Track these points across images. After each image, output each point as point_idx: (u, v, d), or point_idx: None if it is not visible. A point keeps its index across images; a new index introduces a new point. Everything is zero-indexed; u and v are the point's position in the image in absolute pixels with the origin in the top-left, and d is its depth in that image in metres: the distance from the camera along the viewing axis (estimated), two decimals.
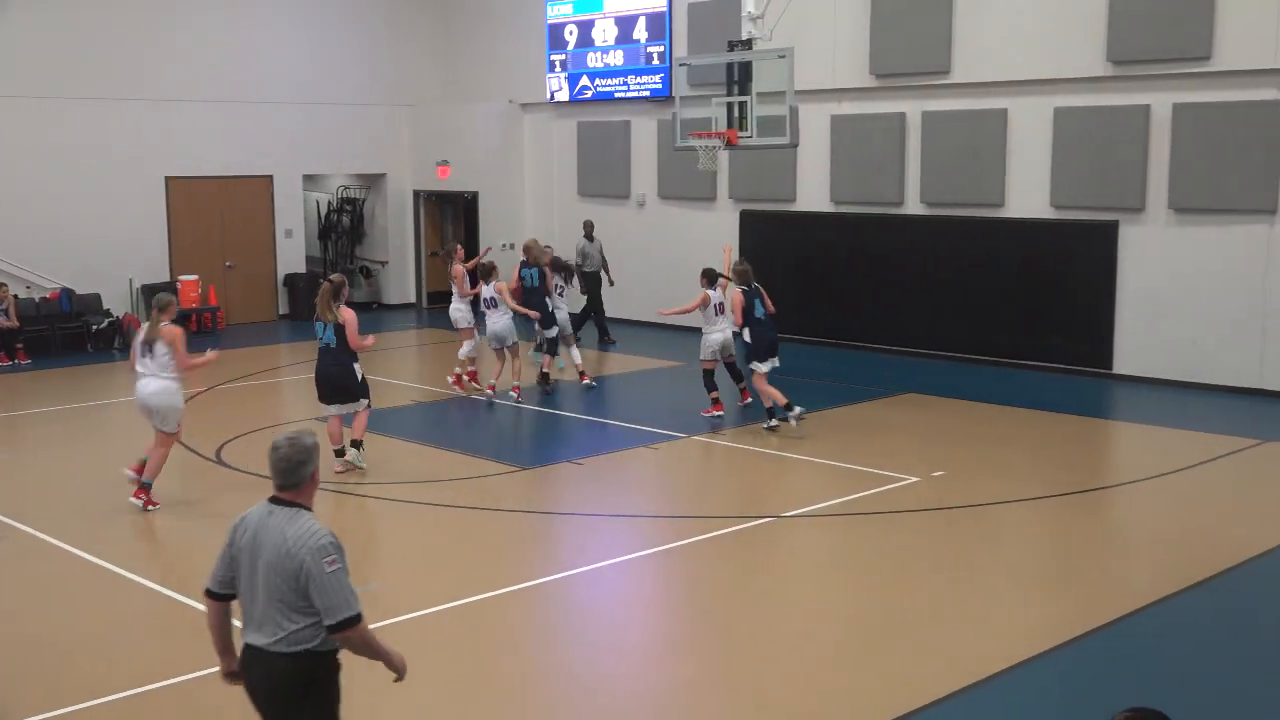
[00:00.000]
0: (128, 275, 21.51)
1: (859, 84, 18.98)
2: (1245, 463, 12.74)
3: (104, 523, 10.97)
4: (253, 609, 5.13)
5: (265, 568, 5.07)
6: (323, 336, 12.17)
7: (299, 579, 4.99)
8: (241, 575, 5.19)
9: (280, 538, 5.06)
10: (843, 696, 7.38)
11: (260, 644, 5.08)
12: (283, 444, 5.30)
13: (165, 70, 21.82)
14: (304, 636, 5.05)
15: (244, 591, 5.18)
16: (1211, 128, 15.70)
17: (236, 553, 5.20)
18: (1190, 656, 8.00)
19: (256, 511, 5.23)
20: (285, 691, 5.09)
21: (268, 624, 5.07)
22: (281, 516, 5.14)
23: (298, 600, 5.02)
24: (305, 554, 5.00)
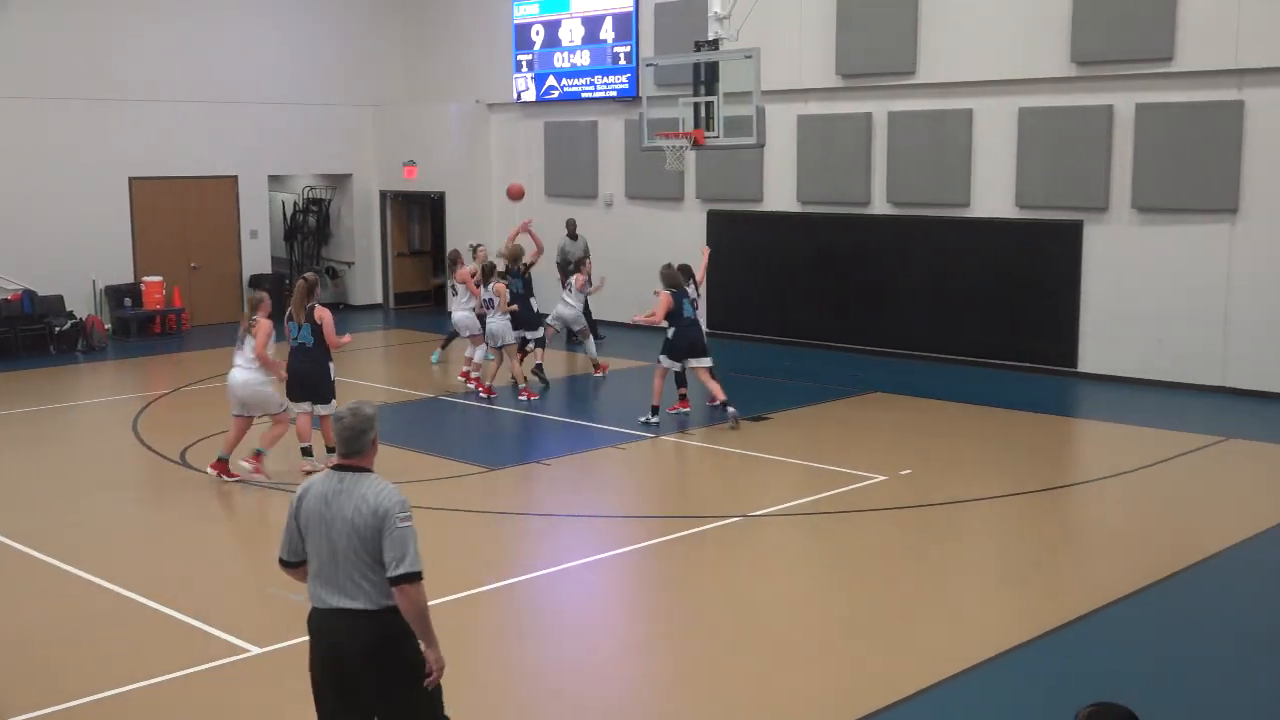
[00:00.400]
0: (91, 276, 21.34)
1: (825, 84, 19.03)
2: (1209, 460, 12.85)
3: (69, 526, 10.88)
4: (334, 574, 5.32)
5: (344, 531, 5.28)
6: (297, 336, 12.16)
7: (381, 533, 5.23)
8: (315, 543, 5.37)
9: (360, 499, 5.29)
10: (812, 694, 7.39)
11: (347, 606, 5.28)
12: (345, 414, 5.46)
13: (128, 70, 21.65)
14: (387, 592, 5.25)
15: (320, 558, 5.35)
16: (1174, 128, 15.83)
17: (305, 523, 5.41)
18: (1156, 652, 8.05)
19: (321, 481, 5.45)
20: (387, 646, 5.29)
21: (350, 586, 5.28)
22: (353, 480, 5.36)
23: (378, 554, 5.24)
24: (383, 510, 5.25)
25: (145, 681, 7.50)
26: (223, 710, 7.22)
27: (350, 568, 5.27)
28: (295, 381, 12.31)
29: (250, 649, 7.97)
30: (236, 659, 7.85)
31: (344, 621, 5.29)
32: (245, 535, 10.83)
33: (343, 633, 5.30)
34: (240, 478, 11.94)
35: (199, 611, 8.60)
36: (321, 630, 5.37)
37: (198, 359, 19.38)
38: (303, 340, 12.18)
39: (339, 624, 5.30)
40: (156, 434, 14.10)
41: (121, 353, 20.10)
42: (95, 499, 11.75)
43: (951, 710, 7.24)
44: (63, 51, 20.95)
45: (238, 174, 23.24)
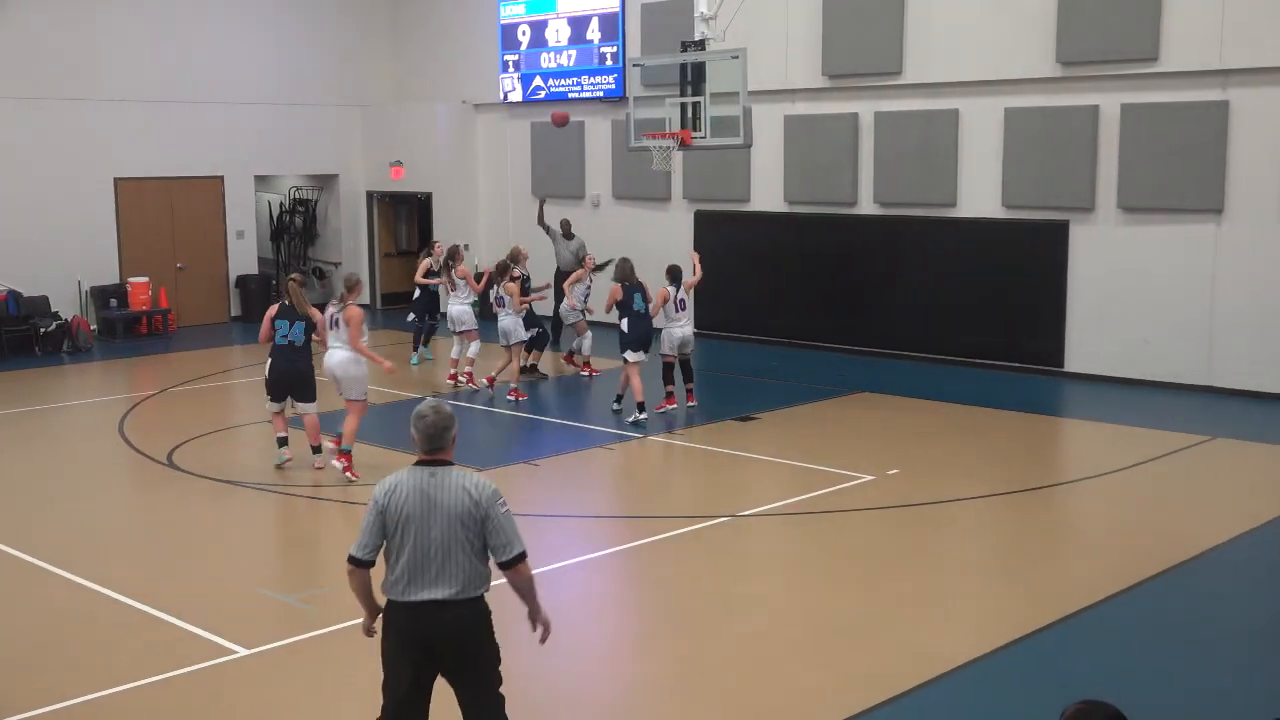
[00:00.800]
0: (76, 277, 21.27)
1: (812, 84, 19.06)
2: (1195, 459, 12.89)
3: (56, 527, 10.85)
4: (426, 567, 5.49)
5: (445, 521, 5.49)
6: (288, 334, 12.07)
7: (484, 522, 5.52)
8: (407, 538, 5.51)
9: (459, 490, 5.53)
10: (800, 694, 7.40)
11: (443, 597, 5.49)
12: (429, 412, 5.69)
13: (113, 70, 21.59)
14: (481, 580, 5.59)
15: (419, 552, 5.50)
16: (1159, 128, 15.89)
17: (401, 518, 5.52)
18: (1142, 651, 8.09)
19: (409, 477, 5.59)
20: (476, 632, 5.60)
21: (452, 576, 5.50)
22: (443, 474, 5.58)
23: (479, 544, 5.54)
24: (485, 499, 5.54)
25: (132, 683, 7.48)
26: (210, 712, 7.21)
27: (447, 558, 5.50)
28: (282, 381, 12.24)
29: (238, 650, 7.95)
30: (224, 660, 7.83)
31: (435, 612, 5.49)
32: (233, 537, 10.80)
33: (434, 624, 5.51)
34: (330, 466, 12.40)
35: (186, 613, 8.59)
36: (408, 622, 5.53)
37: (184, 360, 19.33)
38: (293, 338, 12.12)
39: (430, 615, 5.50)
40: (143, 435, 14.06)
41: (107, 354, 20.04)
42: (82, 501, 11.72)
43: (939, 709, 7.25)
44: (48, 52, 20.87)
45: (224, 174, 23.19)
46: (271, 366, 12.23)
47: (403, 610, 5.54)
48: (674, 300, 14.68)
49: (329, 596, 8.97)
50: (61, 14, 21.03)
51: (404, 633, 5.56)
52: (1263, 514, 10.81)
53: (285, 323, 12.11)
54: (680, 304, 14.72)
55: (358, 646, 8.13)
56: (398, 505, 5.54)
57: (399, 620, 5.56)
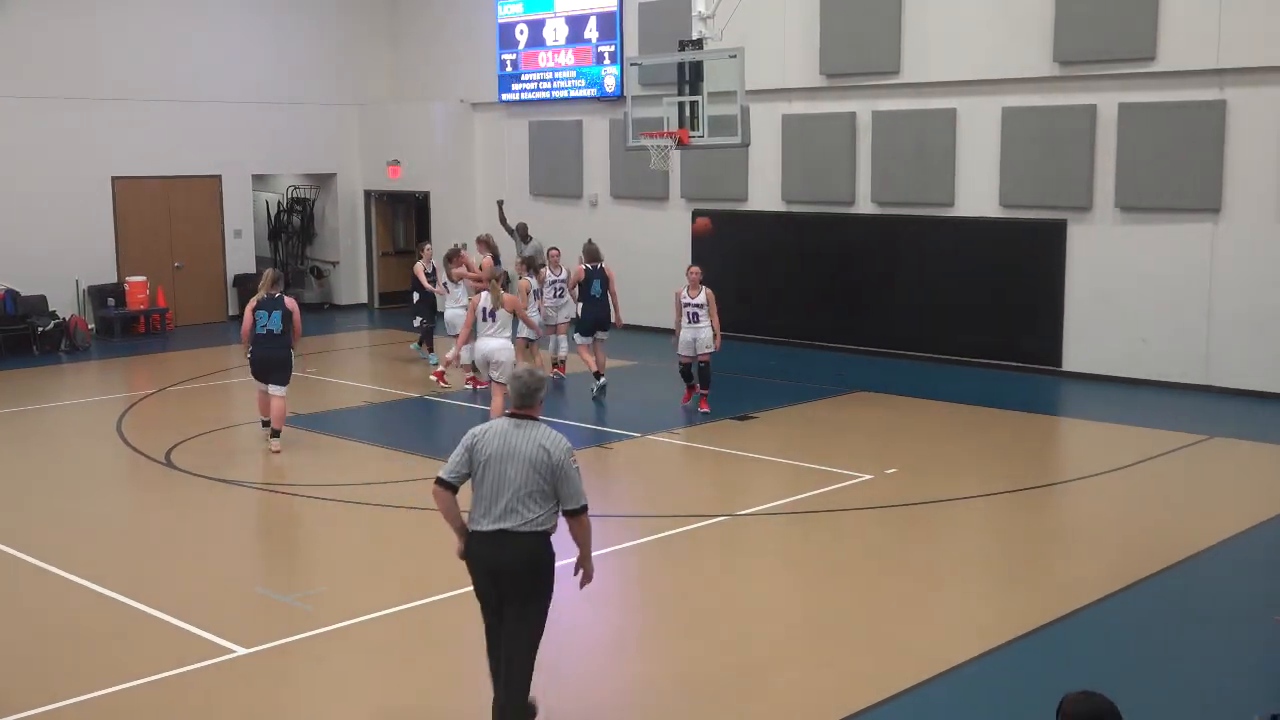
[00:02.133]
0: (74, 276, 21.26)
1: (809, 84, 19.06)
2: (1192, 458, 12.91)
3: (54, 527, 10.85)
4: (498, 501, 6.36)
5: (525, 466, 6.35)
6: (267, 323, 13.06)
7: (554, 472, 6.36)
8: (487, 474, 6.39)
9: (535, 443, 6.38)
10: (798, 694, 7.41)
11: (510, 528, 6.34)
12: (524, 374, 6.57)
13: (111, 69, 21.58)
14: (543, 520, 6.39)
15: (489, 487, 6.38)
16: (1157, 127, 15.90)
17: (481, 457, 6.40)
18: (1139, 650, 8.09)
19: (498, 425, 6.51)
20: (533, 563, 6.40)
21: (516, 512, 6.35)
22: (528, 427, 6.46)
23: (547, 489, 6.38)
24: (558, 453, 6.39)
25: (131, 683, 7.47)
26: (210, 712, 7.21)
27: (517, 497, 6.35)
28: (265, 365, 13.14)
29: (236, 649, 7.95)
30: (223, 659, 7.83)
31: (504, 540, 6.35)
32: (232, 536, 10.81)
33: (501, 552, 6.35)
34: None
35: (185, 613, 8.58)
36: (479, 547, 6.42)
37: (182, 359, 19.33)
38: (271, 327, 13.07)
39: (499, 542, 6.36)
40: (141, 435, 14.06)
41: (105, 353, 20.03)
42: (80, 500, 11.72)
43: (938, 709, 7.26)
44: (45, 51, 20.85)
45: (221, 173, 23.17)
46: (253, 353, 13.18)
47: (477, 538, 6.42)
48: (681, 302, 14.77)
49: (328, 596, 8.97)
50: (59, 13, 21.00)
51: (477, 558, 6.44)
52: (1260, 513, 10.82)
53: (265, 313, 13.08)
54: (693, 316, 14.71)
55: (358, 646, 8.16)
56: (483, 446, 6.42)
57: (474, 546, 6.45)
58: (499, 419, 6.60)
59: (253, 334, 13.11)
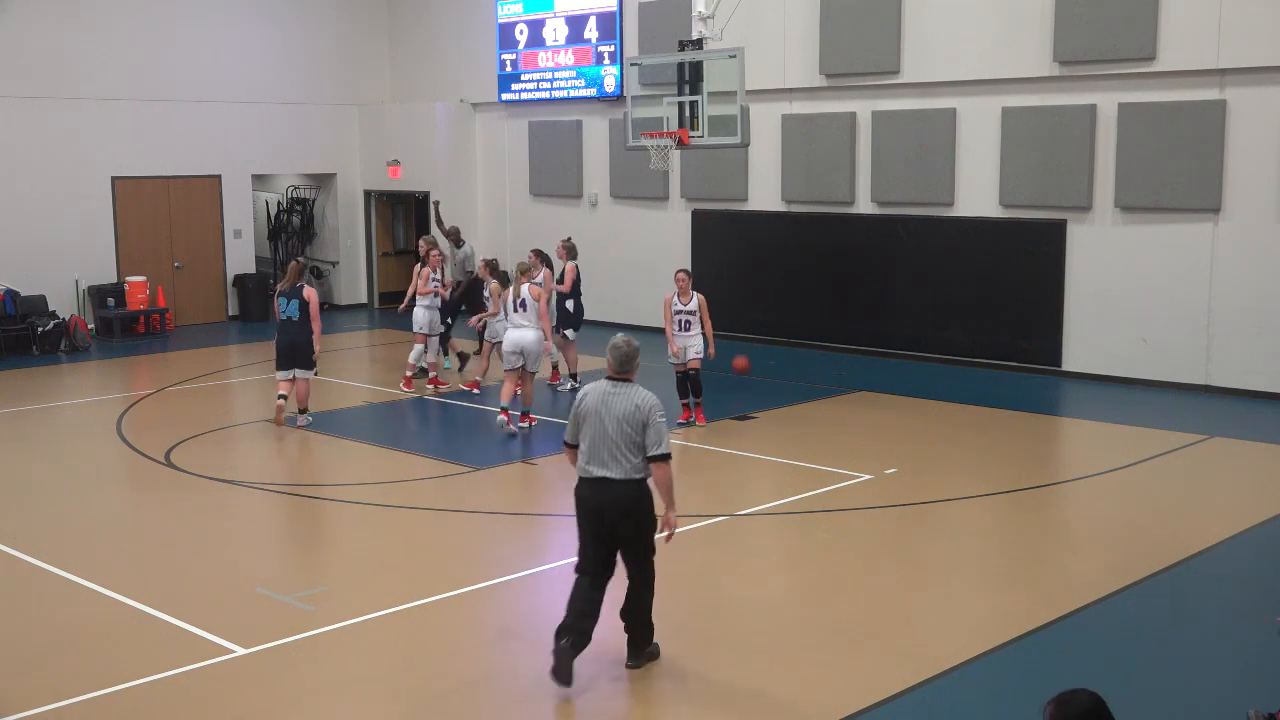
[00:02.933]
0: (74, 276, 21.27)
1: (809, 84, 19.07)
2: (1192, 458, 12.91)
3: (53, 527, 10.85)
4: (601, 453, 7.42)
5: (618, 421, 7.38)
6: (285, 310, 13.97)
7: (644, 425, 7.36)
8: (592, 430, 7.46)
9: (630, 402, 7.41)
10: (798, 694, 7.40)
11: (614, 476, 7.39)
12: (622, 343, 7.61)
13: (111, 69, 21.59)
14: (639, 467, 7.42)
15: (595, 441, 7.45)
16: (1156, 127, 15.90)
17: (584, 416, 7.49)
18: (1139, 650, 8.09)
19: (597, 387, 7.56)
20: (635, 506, 7.46)
21: (617, 462, 7.39)
22: (624, 388, 7.50)
23: (640, 440, 7.37)
24: (646, 407, 7.40)
25: (131, 683, 7.48)
26: (210, 712, 7.21)
27: (615, 448, 7.37)
28: (282, 351, 14.02)
29: (236, 649, 7.95)
30: (223, 659, 7.83)
31: (606, 486, 7.40)
32: (232, 536, 10.80)
33: (605, 493, 7.41)
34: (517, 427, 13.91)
35: (185, 612, 8.59)
36: (589, 492, 7.48)
37: (182, 359, 19.33)
38: (289, 314, 13.94)
39: (602, 488, 7.42)
40: (141, 434, 14.06)
41: (105, 353, 20.03)
42: (79, 500, 11.72)
43: (937, 709, 7.26)
44: (45, 51, 20.86)
45: (221, 173, 23.18)
46: (276, 339, 14.14)
47: (583, 483, 7.51)
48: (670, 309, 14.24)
49: (328, 596, 8.97)
50: (59, 14, 21.01)
51: (583, 500, 7.52)
52: (1260, 513, 10.83)
53: (284, 300, 13.99)
54: (684, 323, 14.20)
55: (358, 646, 8.16)
56: (585, 406, 7.53)
57: (581, 490, 7.53)
58: (598, 382, 7.60)
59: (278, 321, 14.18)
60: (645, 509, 7.51)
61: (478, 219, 24.30)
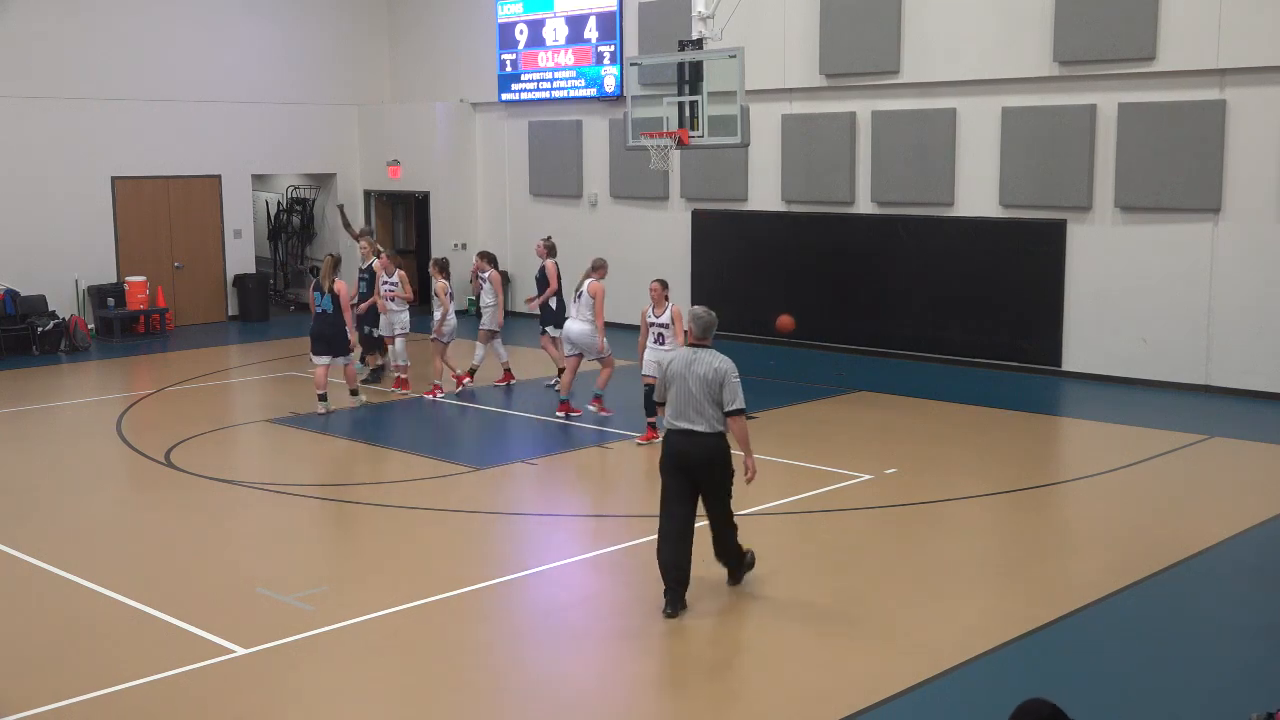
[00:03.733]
0: (74, 276, 21.27)
1: (809, 84, 19.07)
2: (1192, 458, 12.91)
3: (53, 527, 10.85)
4: (685, 409, 8.56)
5: (699, 382, 8.52)
6: (320, 303, 14.81)
7: (721, 385, 8.48)
8: (677, 389, 8.61)
9: (709, 365, 8.57)
10: (798, 693, 7.41)
11: (698, 429, 8.53)
12: (702, 313, 8.88)
13: (111, 69, 21.59)
14: (720, 421, 8.53)
15: (681, 399, 8.58)
16: (1156, 127, 15.90)
17: (671, 378, 8.64)
18: (1138, 651, 8.09)
19: (681, 353, 8.77)
20: (716, 456, 8.60)
21: (701, 417, 8.53)
22: (704, 353, 8.67)
23: (719, 398, 8.49)
24: (723, 368, 8.54)
25: (131, 683, 7.48)
26: (210, 712, 7.21)
27: (699, 405, 8.51)
28: (318, 340, 14.84)
29: (236, 649, 7.95)
30: (223, 659, 7.83)
31: (690, 437, 8.54)
32: (232, 537, 10.80)
33: (690, 443, 8.54)
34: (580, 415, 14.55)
35: (186, 613, 8.59)
36: (674, 443, 8.62)
37: (182, 359, 19.33)
38: (324, 307, 14.78)
39: (686, 439, 8.56)
40: (141, 435, 14.06)
41: (105, 353, 20.03)
42: (80, 500, 11.72)
43: (938, 709, 7.26)
44: (45, 51, 20.86)
45: (221, 173, 23.18)
46: (312, 328, 15.01)
47: (671, 435, 8.66)
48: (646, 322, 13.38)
49: (328, 596, 8.97)
50: (59, 13, 21.00)
51: (669, 447, 8.67)
52: (1260, 513, 10.83)
53: (319, 294, 14.83)
54: (658, 336, 13.35)
55: (358, 646, 8.16)
56: (671, 369, 8.68)
57: (668, 441, 8.71)
58: (681, 349, 8.88)
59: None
60: (724, 458, 8.62)
61: (478, 219, 24.30)
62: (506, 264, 23.89)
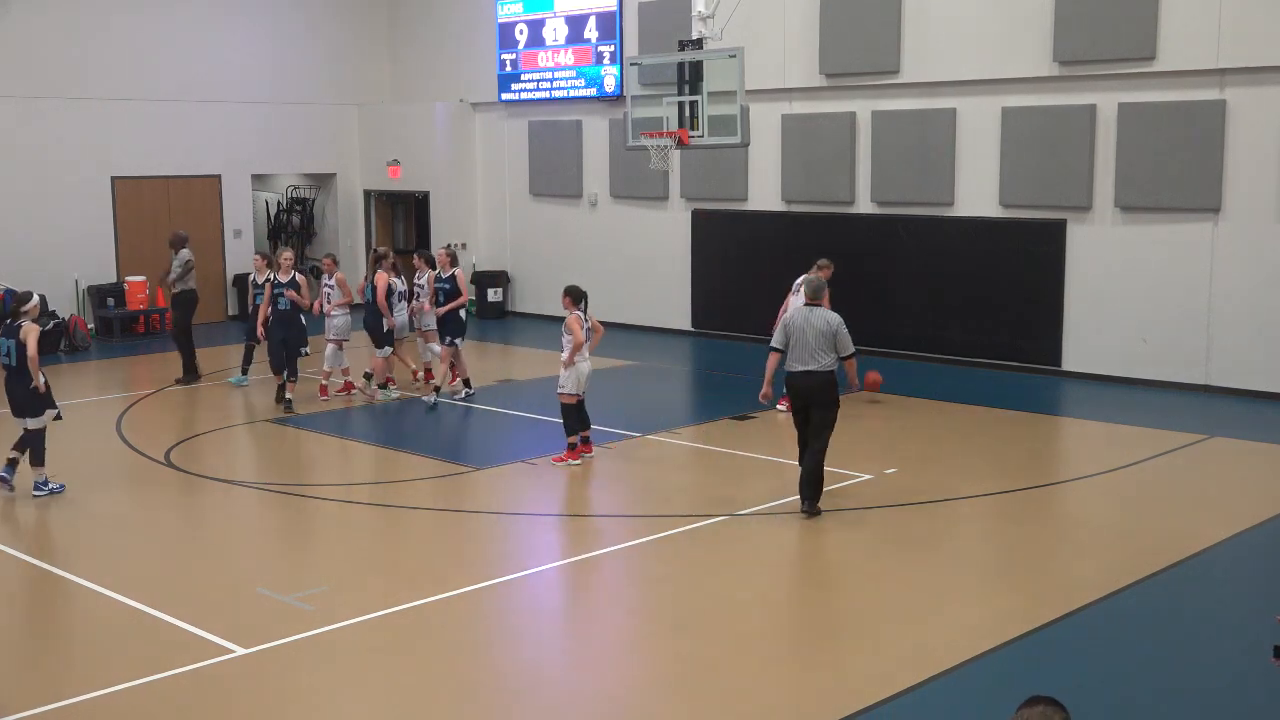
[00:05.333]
0: (74, 276, 21.26)
1: (809, 83, 19.06)
2: (1192, 458, 12.91)
3: (54, 526, 10.85)
4: (804, 354, 10.72)
5: (816, 333, 10.70)
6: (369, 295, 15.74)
7: (835, 335, 10.73)
8: (797, 339, 10.75)
9: (824, 319, 10.77)
10: (799, 694, 7.41)
11: (814, 369, 10.72)
12: (814, 278, 11.46)
13: (111, 69, 21.59)
14: (831, 363, 10.75)
15: (800, 347, 10.74)
16: (1156, 127, 15.90)
17: (792, 330, 10.79)
18: (1138, 651, 8.09)
19: (799, 312, 11.01)
20: (828, 392, 10.76)
21: (815, 360, 10.71)
22: (818, 310, 10.90)
23: (828, 345, 10.70)
24: (835, 323, 10.76)
25: (131, 683, 7.48)
26: (210, 712, 7.21)
27: (815, 351, 10.70)
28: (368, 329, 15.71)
29: (236, 649, 7.95)
30: (223, 659, 7.83)
31: (808, 377, 10.76)
32: (232, 537, 10.81)
33: (806, 383, 10.78)
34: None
35: (186, 613, 8.58)
36: (797, 382, 10.84)
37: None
38: (368, 298, 15.61)
39: (806, 378, 10.76)
40: (141, 434, 14.06)
41: (105, 353, 20.03)
42: (79, 500, 11.71)
43: (939, 709, 7.26)
44: (45, 51, 20.87)
45: (221, 173, 23.18)
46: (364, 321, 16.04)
47: (793, 375, 10.84)
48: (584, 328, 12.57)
49: (328, 596, 8.97)
50: (59, 13, 21.01)
51: (792, 387, 10.90)
52: (1259, 513, 10.83)
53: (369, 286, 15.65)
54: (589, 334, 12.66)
55: (358, 646, 8.16)
56: (792, 324, 10.84)
57: (791, 380, 10.89)
58: (799, 307, 11.12)
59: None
60: (831, 394, 10.73)
61: (478, 219, 24.30)
62: (506, 264, 23.91)
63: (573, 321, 12.41)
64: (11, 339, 11.48)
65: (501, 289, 23.72)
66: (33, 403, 11.50)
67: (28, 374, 11.41)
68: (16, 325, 11.57)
